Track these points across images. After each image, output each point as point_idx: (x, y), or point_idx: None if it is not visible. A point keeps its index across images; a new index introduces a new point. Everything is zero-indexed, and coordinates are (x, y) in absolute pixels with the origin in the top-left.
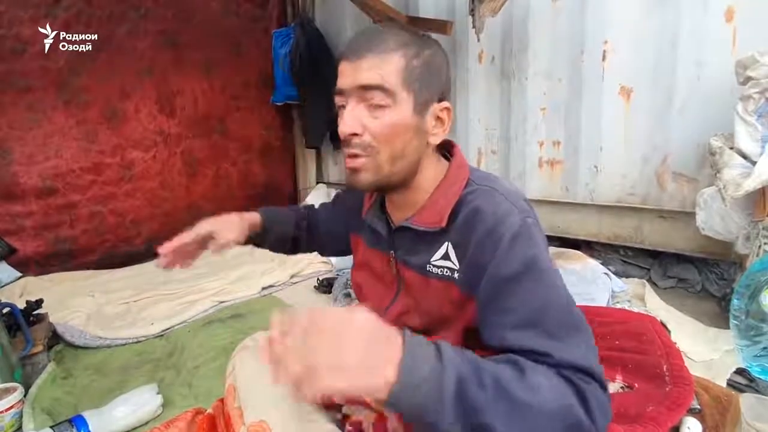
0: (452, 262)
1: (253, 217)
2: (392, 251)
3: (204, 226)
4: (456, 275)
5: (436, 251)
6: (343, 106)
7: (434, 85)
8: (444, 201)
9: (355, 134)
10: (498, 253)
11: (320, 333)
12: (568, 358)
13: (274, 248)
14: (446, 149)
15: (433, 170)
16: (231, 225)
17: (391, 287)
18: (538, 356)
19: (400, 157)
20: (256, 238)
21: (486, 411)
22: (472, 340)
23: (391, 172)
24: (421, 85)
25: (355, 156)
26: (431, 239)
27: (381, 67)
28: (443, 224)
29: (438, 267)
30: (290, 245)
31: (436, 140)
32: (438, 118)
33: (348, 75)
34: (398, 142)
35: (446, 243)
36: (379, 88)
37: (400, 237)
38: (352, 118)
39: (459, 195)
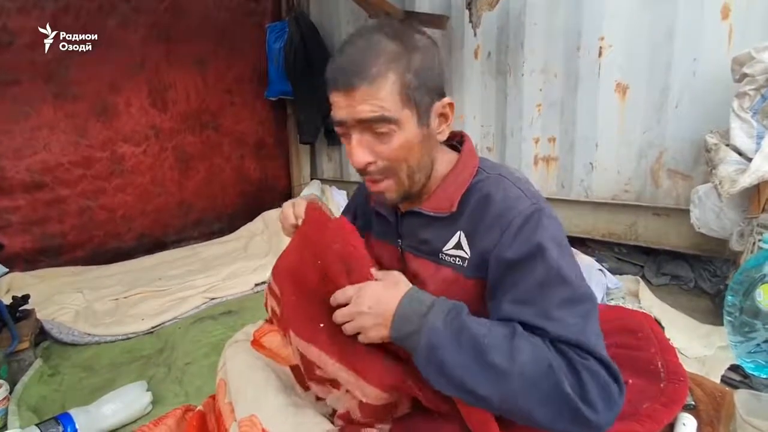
0: (464, 251)
1: None
2: (399, 239)
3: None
4: (465, 263)
5: (449, 240)
6: (347, 135)
7: (432, 88)
8: (454, 187)
9: (369, 163)
10: (504, 238)
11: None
12: (564, 334)
13: None
14: (455, 139)
15: (443, 161)
16: None
17: None
18: (534, 329)
19: (418, 168)
20: None
21: (457, 370)
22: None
23: (413, 183)
24: (419, 95)
25: (376, 181)
26: (441, 226)
27: (376, 95)
28: (453, 209)
29: (450, 256)
30: None
31: (443, 137)
32: (441, 115)
33: (343, 107)
34: (412, 158)
35: (458, 232)
36: (379, 120)
37: (408, 223)
38: (360, 150)
39: (469, 182)
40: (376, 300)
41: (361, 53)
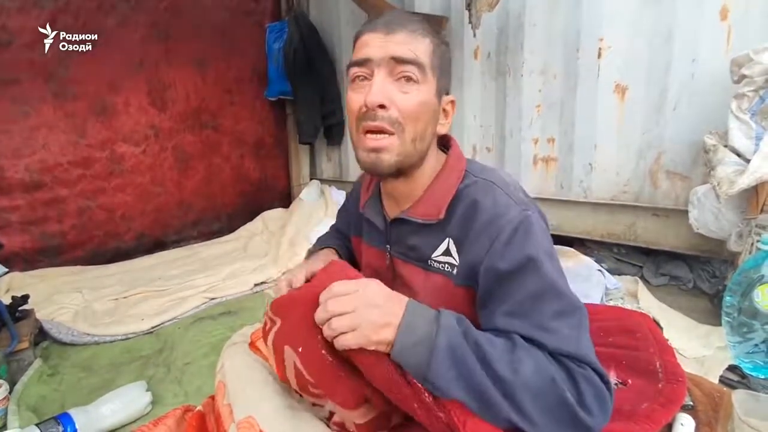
0: (453, 257)
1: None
2: (387, 245)
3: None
4: (455, 271)
5: (438, 247)
6: (364, 77)
7: (447, 77)
8: (441, 193)
9: (383, 106)
10: (495, 247)
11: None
12: (561, 346)
13: None
14: (442, 143)
15: (433, 161)
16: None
17: (388, 282)
18: (531, 341)
19: (421, 138)
20: None
21: (474, 376)
22: None
23: (412, 153)
24: (441, 72)
25: (380, 132)
26: (430, 233)
27: (414, 44)
28: (441, 216)
29: (440, 263)
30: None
31: (442, 130)
32: (444, 110)
33: (378, 46)
34: (421, 122)
35: (447, 239)
36: (413, 62)
37: (396, 230)
38: (381, 89)
39: (456, 187)
40: (384, 297)
41: (407, 16)
